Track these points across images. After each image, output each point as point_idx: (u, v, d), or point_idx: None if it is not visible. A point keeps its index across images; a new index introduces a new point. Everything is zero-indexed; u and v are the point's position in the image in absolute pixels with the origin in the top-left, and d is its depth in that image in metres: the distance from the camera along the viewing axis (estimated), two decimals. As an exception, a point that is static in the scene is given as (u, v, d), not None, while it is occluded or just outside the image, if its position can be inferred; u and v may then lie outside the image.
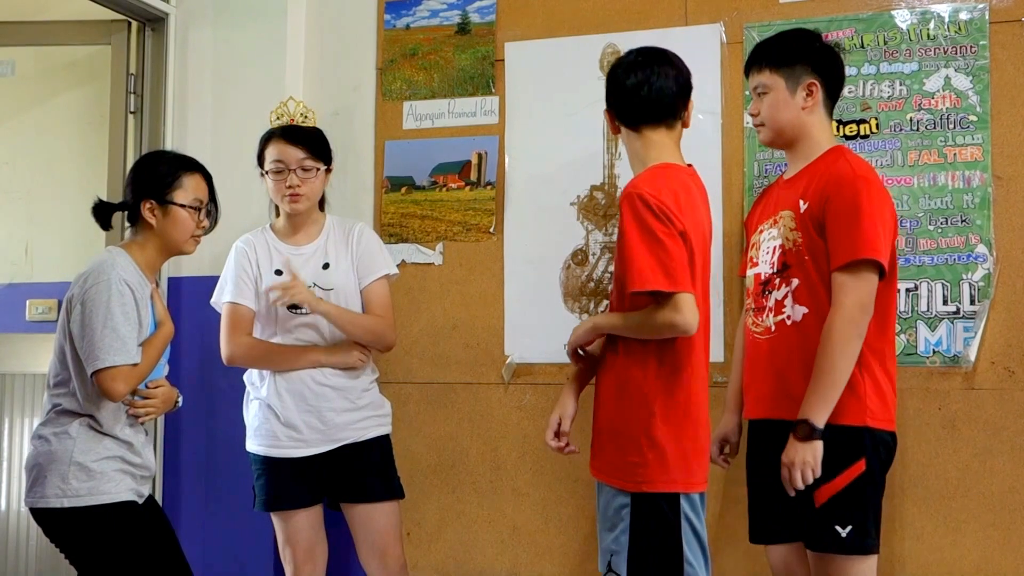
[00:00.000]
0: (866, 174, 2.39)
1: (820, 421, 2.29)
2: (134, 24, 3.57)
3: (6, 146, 4.02)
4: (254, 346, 2.84)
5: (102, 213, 2.54)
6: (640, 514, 2.27)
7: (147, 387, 2.51)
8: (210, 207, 2.60)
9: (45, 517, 2.40)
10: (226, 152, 3.37)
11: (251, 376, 2.90)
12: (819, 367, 2.31)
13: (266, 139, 2.90)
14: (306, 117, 2.96)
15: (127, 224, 2.58)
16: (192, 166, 2.59)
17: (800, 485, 2.30)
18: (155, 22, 3.56)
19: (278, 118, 2.95)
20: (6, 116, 4.06)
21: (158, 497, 3.40)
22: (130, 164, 3.24)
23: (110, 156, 3.56)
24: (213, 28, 3.53)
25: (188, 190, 2.54)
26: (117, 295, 2.38)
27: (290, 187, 2.82)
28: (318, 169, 2.86)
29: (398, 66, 3.47)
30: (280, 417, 2.80)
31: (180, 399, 2.64)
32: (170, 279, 3.47)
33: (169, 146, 3.45)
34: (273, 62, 3.46)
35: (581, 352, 2.48)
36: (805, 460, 2.28)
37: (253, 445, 2.86)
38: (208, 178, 2.61)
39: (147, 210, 2.50)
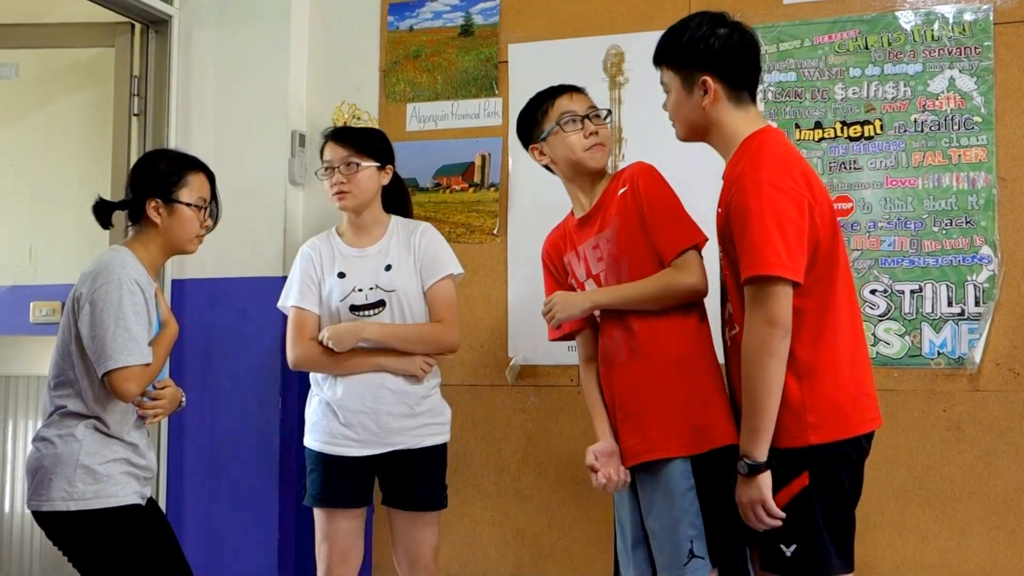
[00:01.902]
0: (755, 172, 2.04)
1: (757, 454, 2.05)
2: (137, 26, 3.57)
3: (10, 148, 4.02)
4: (318, 350, 2.83)
5: (102, 212, 2.52)
6: (704, 475, 2.24)
7: (155, 387, 2.49)
8: (212, 207, 2.59)
9: (49, 520, 2.37)
10: (229, 154, 3.38)
11: (315, 375, 2.90)
12: (743, 399, 2.08)
13: (321, 145, 2.92)
14: (358, 118, 2.95)
15: (129, 223, 2.56)
16: (196, 165, 2.57)
17: (757, 525, 2.10)
18: (158, 24, 3.56)
19: (335, 123, 2.95)
20: (10, 118, 4.07)
21: (162, 498, 3.40)
22: (134, 167, 3.24)
23: (114, 158, 3.56)
24: (216, 30, 3.54)
25: (193, 188, 2.52)
26: (128, 294, 2.35)
27: (334, 184, 2.84)
28: (360, 164, 2.83)
29: (401, 68, 3.47)
30: (339, 416, 2.80)
31: (184, 399, 2.63)
32: (173, 281, 3.47)
33: (172, 148, 3.44)
34: (276, 64, 3.47)
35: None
36: (752, 498, 2.08)
37: (310, 440, 2.86)
38: (211, 177, 2.59)
39: (152, 209, 2.47)
